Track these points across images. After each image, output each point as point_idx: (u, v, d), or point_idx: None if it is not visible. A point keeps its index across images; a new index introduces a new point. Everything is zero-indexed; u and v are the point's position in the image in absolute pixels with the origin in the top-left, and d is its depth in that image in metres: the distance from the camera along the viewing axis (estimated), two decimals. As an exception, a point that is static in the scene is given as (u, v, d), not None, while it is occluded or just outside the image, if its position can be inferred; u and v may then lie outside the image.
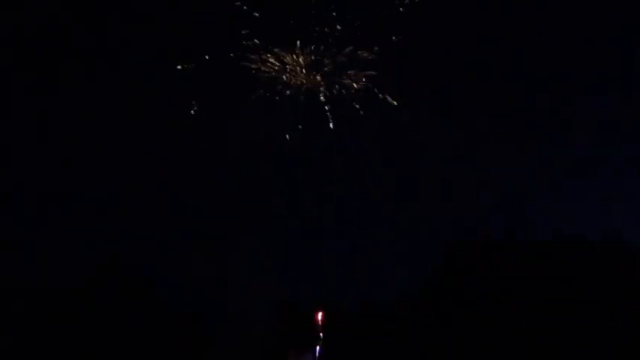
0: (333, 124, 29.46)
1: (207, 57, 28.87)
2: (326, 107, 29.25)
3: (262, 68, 28.86)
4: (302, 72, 29.01)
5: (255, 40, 28.52)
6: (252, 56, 28.62)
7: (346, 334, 29.51)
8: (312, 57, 29.03)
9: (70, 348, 26.81)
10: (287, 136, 28.36)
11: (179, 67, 28.58)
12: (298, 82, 29.21)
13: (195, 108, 28.11)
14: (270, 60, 28.83)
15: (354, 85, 29.05)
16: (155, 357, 27.59)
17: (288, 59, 29.01)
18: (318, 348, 28.15)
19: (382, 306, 29.98)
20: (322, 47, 28.82)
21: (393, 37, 29.23)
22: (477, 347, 27.42)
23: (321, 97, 29.07)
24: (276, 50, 28.95)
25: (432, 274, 29.89)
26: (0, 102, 28.28)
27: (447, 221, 31.04)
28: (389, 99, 28.41)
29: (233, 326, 28.59)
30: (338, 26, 28.52)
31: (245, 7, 27.90)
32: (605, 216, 30.73)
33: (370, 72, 29.16)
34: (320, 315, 28.27)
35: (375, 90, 29.07)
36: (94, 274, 28.58)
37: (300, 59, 28.94)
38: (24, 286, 27.34)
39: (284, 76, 28.97)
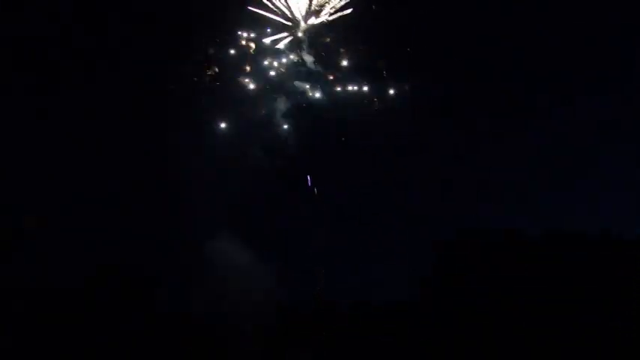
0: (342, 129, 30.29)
1: (213, 60, 29.19)
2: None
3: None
4: None
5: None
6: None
7: (346, 334, 29.54)
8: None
9: (70, 348, 26.81)
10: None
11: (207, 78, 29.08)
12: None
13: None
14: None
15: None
16: (155, 357, 27.60)
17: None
18: (308, 177, 30.97)
19: (382, 306, 30.00)
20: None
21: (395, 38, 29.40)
22: (477, 346, 27.42)
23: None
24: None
25: (432, 273, 29.89)
26: (0, 102, 28.31)
27: (446, 221, 31.10)
28: None
29: (233, 326, 28.62)
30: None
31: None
32: (605, 216, 30.80)
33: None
34: (309, 179, 31.15)
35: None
36: (94, 274, 28.58)
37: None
38: (24, 286, 27.34)
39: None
